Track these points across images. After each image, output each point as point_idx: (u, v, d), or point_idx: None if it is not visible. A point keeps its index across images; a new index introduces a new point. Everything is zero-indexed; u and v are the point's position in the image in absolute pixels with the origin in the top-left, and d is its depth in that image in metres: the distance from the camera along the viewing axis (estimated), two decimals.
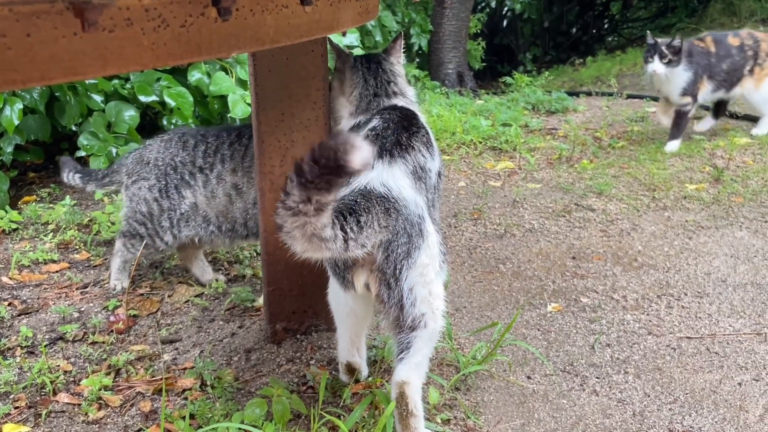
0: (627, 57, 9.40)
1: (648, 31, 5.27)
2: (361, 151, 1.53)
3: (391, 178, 1.95)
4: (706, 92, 4.91)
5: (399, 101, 2.43)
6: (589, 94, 6.90)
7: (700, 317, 2.84)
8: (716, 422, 2.23)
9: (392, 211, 1.89)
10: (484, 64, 9.46)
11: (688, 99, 4.81)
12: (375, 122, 2.22)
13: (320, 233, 1.70)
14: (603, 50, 10.51)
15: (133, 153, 3.09)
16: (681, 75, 4.75)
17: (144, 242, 2.99)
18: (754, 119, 5.45)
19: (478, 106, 6.21)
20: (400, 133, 2.11)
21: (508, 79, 7.42)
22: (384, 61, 2.50)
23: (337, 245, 1.75)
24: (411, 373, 1.98)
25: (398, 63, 2.54)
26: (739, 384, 2.42)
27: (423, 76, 7.55)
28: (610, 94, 6.57)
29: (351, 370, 2.36)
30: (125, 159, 3.10)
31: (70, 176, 3.26)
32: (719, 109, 5.29)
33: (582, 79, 8.68)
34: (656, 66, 4.67)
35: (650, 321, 2.83)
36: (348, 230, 1.77)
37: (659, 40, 4.75)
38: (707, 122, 5.34)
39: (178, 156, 2.93)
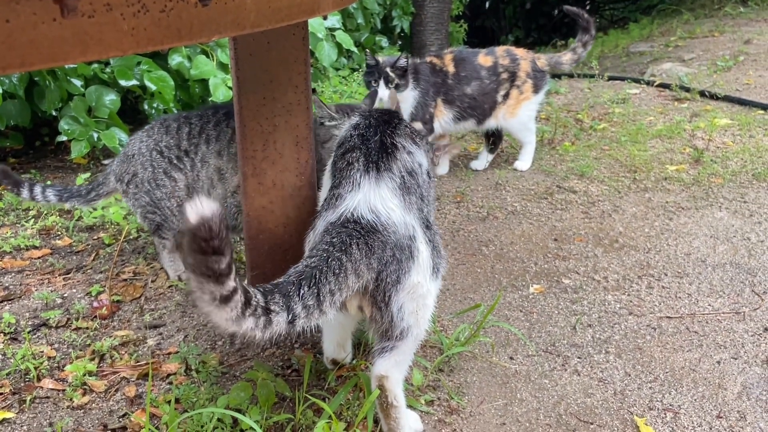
0: (609, 39, 9.43)
1: (367, 50, 4.58)
2: (194, 206, 1.37)
3: (378, 199, 1.87)
4: (447, 120, 4.16)
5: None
6: (570, 76, 6.91)
7: (680, 297, 2.88)
8: (695, 400, 2.27)
9: (379, 245, 1.82)
10: (467, 45, 9.44)
11: (419, 126, 4.03)
12: (356, 119, 2.19)
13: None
14: None
15: (116, 158, 3.07)
16: (408, 98, 4.02)
17: (167, 225, 2.98)
18: (734, 101, 5.49)
19: None
20: (382, 128, 2.05)
21: None
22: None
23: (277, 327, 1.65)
24: (390, 368, 1.98)
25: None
26: (718, 362, 2.46)
27: None
28: (592, 76, 6.59)
29: (336, 363, 2.37)
30: (110, 168, 3.09)
31: (37, 192, 3.09)
32: (494, 142, 4.48)
33: None
34: (382, 92, 3.86)
35: (631, 301, 2.86)
36: (297, 309, 1.67)
37: (381, 59, 4.01)
38: (482, 158, 4.52)
39: (162, 141, 2.92)
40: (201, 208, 1.35)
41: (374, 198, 1.87)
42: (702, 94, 5.70)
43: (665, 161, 4.37)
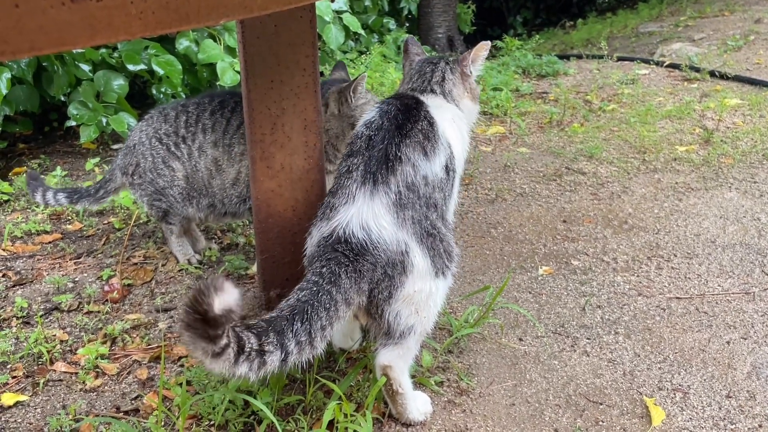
0: (618, 19, 9.36)
1: None
2: (223, 295, 1.47)
3: (371, 216, 1.87)
4: None
5: (430, 98, 2.31)
6: (579, 56, 6.87)
7: (689, 278, 2.88)
8: (705, 380, 2.27)
9: (368, 267, 1.83)
10: (474, 27, 9.39)
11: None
12: (371, 114, 2.15)
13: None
14: (593, 12, 10.45)
15: (120, 152, 3.10)
16: None
17: (173, 212, 2.99)
18: (745, 80, 5.45)
19: None
20: (391, 135, 2.01)
21: (499, 43, 7.37)
22: (443, 63, 2.41)
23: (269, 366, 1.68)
24: (394, 359, 2.00)
25: (459, 71, 2.39)
26: (728, 342, 2.46)
27: None
28: (601, 57, 6.55)
29: (344, 351, 2.39)
30: (114, 164, 3.12)
31: (49, 197, 3.15)
32: None
33: (572, 41, 8.65)
34: None
35: (640, 282, 2.86)
36: (290, 348, 1.70)
37: None
38: None
39: (161, 129, 2.94)
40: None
41: (367, 214, 1.87)
42: (712, 74, 5.67)
43: (675, 142, 4.35)
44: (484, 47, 2.36)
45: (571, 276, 2.93)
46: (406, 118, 2.08)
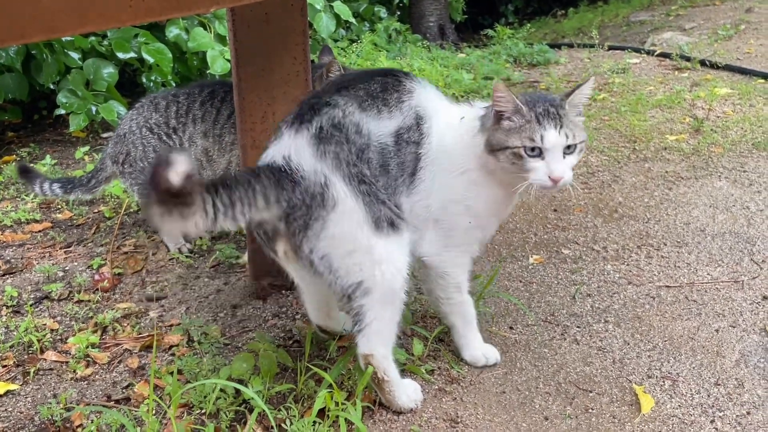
0: (609, 8, 9.37)
1: None
2: (176, 166, 1.66)
3: (293, 149, 1.92)
4: None
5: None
6: (570, 45, 6.87)
7: (679, 266, 2.89)
8: (694, 368, 2.29)
9: (287, 183, 1.88)
10: (466, 16, 9.38)
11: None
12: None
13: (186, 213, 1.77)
14: (585, 1, 10.44)
15: (110, 141, 3.09)
16: None
17: None
18: (735, 69, 5.46)
19: (459, 59, 6.17)
20: (332, 87, 2.05)
21: (490, 32, 7.38)
22: None
23: (203, 222, 1.80)
24: (372, 344, 2.01)
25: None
26: (717, 330, 2.48)
27: (404, 29, 7.47)
28: (592, 46, 6.55)
29: (325, 332, 2.36)
30: (105, 152, 3.12)
31: (46, 187, 3.14)
32: None
33: (564, 30, 8.65)
34: None
35: (630, 271, 2.88)
36: (218, 206, 1.81)
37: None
38: None
39: (152, 118, 2.93)
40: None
41: (290, 148, 1.93)
42: (702, 63, 5.68)
43: (665, 131, 4.37)
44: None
45: (562, 265, 2.95)
46: (373, 79, 2.07)
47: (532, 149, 1.97)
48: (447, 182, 2.07)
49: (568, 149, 2.01)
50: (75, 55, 4.20)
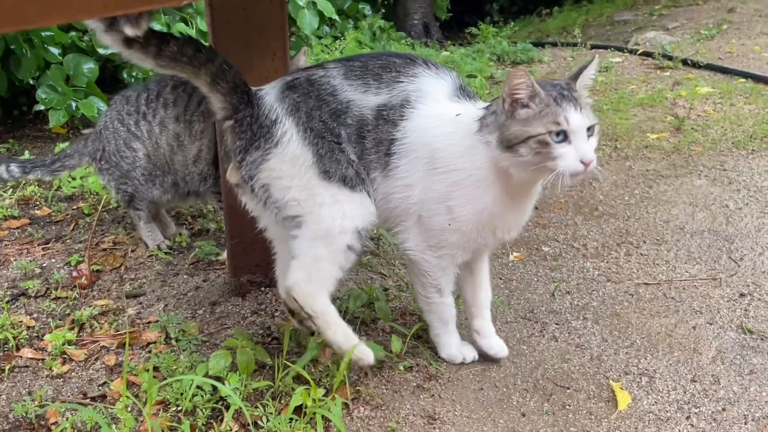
0: (593, 7, 9.39)
1: None
2: None
3: (269, 87, 2.07)
4: None
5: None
6: (554, 44, 6.89)
7: (657, 264, 2.91)
8: (670, 364, 2.30)
9: (243, 95, 2.02)
10: (451, 14, 9.38)
11: None
12: None
13: None
14: (570, 0, 10.45)
15: (89, 139, 3.08)
16: None
17: (138, 196, 2.98)
18: (716, 69, 5.49)
19: (443, 57, 6.18)
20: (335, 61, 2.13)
21: (474, 30, 7.38)
22: None
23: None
24: (296, 276, 2.04)
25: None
26: (694, 327, 2.49)
27: (388, 27, 7.46)
28: (575, 45, 6.57)
29: (293, 313, 2.22)
30: (78, 142, 3.12)
31: (2, 170, 3.07)
32: None
33: (548, 29, 8.66)
34: None
35: (609, 268, 2.89)
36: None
37: None
38: None
39: (123, 110, 2.93)
40: None
41: (267, 86, 2.08)
42: (684, 62, 5.70)
43: (646, 129, 4.39)
44: None
45: (542, 262, 2.95)
46: (381, 58, 2.12)
47: (558, 134, 1.87)
48: (428, 178, 2.04)
49: (589, 131, 1.92)
50: (55, 51, 4.17)
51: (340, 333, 2.07)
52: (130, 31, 1.66)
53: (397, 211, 2.10)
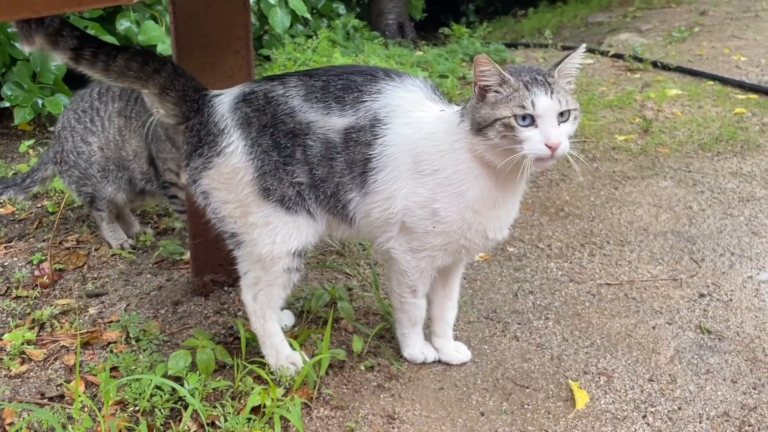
0: (568, 8, 9.46)
1: None
2: None
3: (225, 93, 2.08)
4: None
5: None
6: (527, 45, 6.94)
7: (620, 264, 2.93)
8: (629, 364, 2.32)
9: (192, 102, 2.07)
10: (426, 14, 9.39)
11: None
12: None
13: None
14: (545, 1, 10.52)
15: (53, 145, 3.07)
16: None
17: (98, 195, 2.96)
18: (686, 71, 5.55)
19: (416, 57, 6.19)
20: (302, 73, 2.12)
21: (447, 30, 7.40)
22: None
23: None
24: (246, 294, 2.19)
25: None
26: (653, 327, 2.51)
27: (362, 26, 7.46)
28: (547, 46, 6.61)
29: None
30: (46, 153, 3.13)
31: None
32: None
33: (523, 30, 8.72)
34: None
35: (573, 269, 2.91)
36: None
37: None
38: None
39: (79, 108, 2.93)
40: None
41: (224, 92, 2.10)
42: (654, 64, 5.76)
43: (615, 131, 4.42)
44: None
45: (506, 262, 2.97)
46: (342, 76, 2.07)
47: (524, 117, 1.86)
48: (412, 183, 2.02)
49: (562, 116, 1.91)
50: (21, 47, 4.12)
51: (273, 354, 2.22)
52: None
53: (378, 222, 2.08)
